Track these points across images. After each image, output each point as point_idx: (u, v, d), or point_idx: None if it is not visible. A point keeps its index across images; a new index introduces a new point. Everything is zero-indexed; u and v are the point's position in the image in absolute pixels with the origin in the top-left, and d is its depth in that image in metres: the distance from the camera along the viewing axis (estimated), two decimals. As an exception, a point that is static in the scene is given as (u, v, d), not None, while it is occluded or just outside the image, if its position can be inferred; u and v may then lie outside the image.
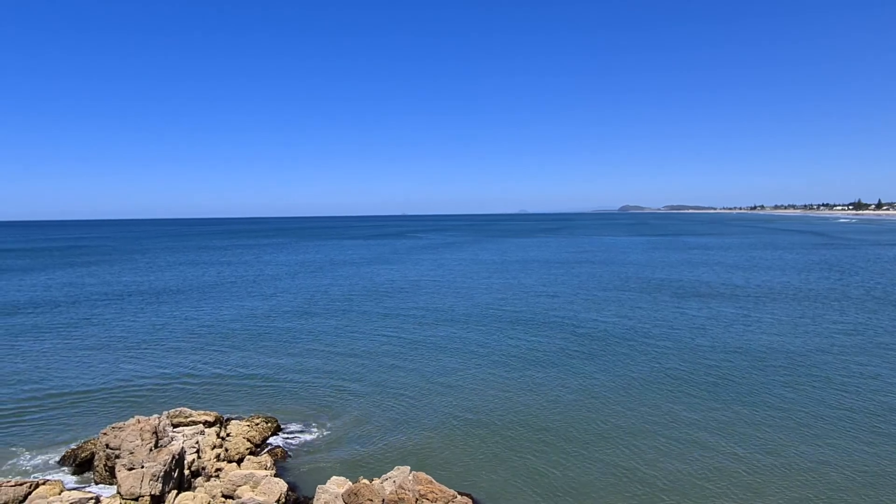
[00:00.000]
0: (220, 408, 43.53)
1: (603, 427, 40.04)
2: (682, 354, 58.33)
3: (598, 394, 46.95)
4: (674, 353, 59.07)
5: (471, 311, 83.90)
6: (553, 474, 33.29)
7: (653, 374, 51.77)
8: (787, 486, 31.25)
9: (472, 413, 43.21)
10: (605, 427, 40.02)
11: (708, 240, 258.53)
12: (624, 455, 35.54)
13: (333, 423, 41.65)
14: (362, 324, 76.19)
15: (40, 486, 29.82)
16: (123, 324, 78.15)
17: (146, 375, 53.88)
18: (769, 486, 31.22)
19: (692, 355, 57.92)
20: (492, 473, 33.56)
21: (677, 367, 54.04)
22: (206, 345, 65.39)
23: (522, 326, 72.90)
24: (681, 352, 59.35)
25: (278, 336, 69.68)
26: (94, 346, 65.49)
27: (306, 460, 35.86)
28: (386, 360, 58.35)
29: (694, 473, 32.92)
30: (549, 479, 32.78)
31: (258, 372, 54.69)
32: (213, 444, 36.17)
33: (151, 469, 29.33)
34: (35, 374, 54.49)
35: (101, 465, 32.29)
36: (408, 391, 48.47)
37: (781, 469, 33.31)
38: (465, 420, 41.88)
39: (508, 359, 57.87)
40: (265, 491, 29.00)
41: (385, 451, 37.08)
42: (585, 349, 61.16)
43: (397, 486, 27.63)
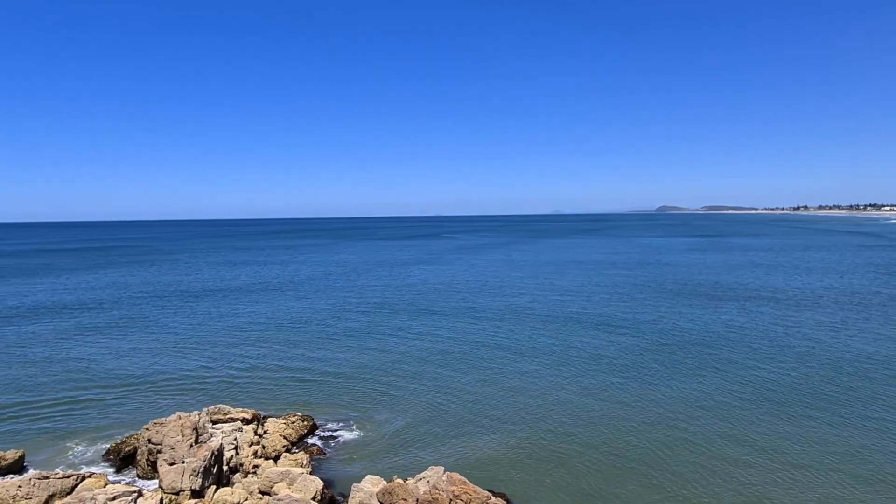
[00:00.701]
0: (257, 405, 44.28)
1: (640, 434, 39.46)
2: (737, 364, 57.09)
3: (634, 401, 46.31)
4: (732, 363, 57.85)
5: (504, 313, 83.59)
6: (587, 479, 32.94)
7: (699, 385, 50.78)
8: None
9: (507, 415, 43.05)
10: (642, 434, 39.43)
11: (759, 241, 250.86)
12: (660, 464, 34.96)
13: (368, 423, 41.97)
14: (397, 325, 76.59)
15: (86, 479, 30.79)
16: (165, 322, 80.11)
17: (187, 372, 55.15)
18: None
19: (746, 365, 56.65)
20: (526, 476, 33.37)
21: (726, 377, 52.93)
22: (244, 343, 66.59)
23: (558, 329, 72.34)
24: (738, 362, 58.09)
25: (315, 336, 70.53)
26: (137, 343, 67.30)
27: (341, 459, 36.21)
28: (421, 361, 58.56)
29: (736, 492, 32.20)
30: (584, 483, 32.45)
31: (295, 371, 55.45)
32: (251, 441, 36.78)
33: (192, 464, 29.99)
34: (81, 370, 56.25)
35: (144, 460, 33.14)
36: (442, 392, 48.55)
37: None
38: (500, 422, 41.74)
39: (544, 362, 57.49)
40: (301, 488, 29.38)
41: (419, 451, 37.20)
42: (623, 354, 60.40)
43: (431, 487, 27.70)
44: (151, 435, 32.63)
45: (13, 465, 33.32)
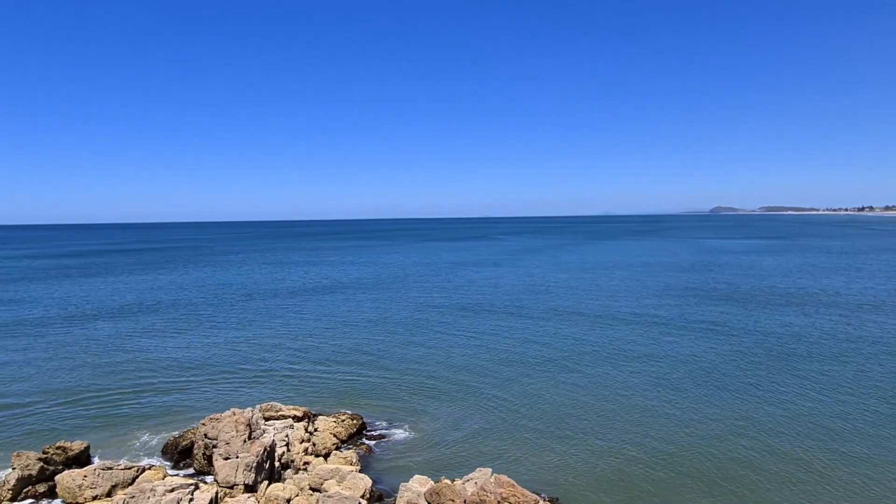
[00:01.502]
0: (308, 403, 45.12)
1: (696, 444, 38.42)
2: (812, 377, 55.15)
3: (690, 409, 45.17)
4: (804, 377, 55.93)
5: (556, 316, 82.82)
6: (640, 487, 32.28)
7: (763, 397, 49.19)
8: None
9: (557, 419, 42.62)
10: (699, 444, 38.38)
11: (834, 243, 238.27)
12: (717, 477, 33.97)
13: (417, 423, 42.21)
14: (446, 326, 76.83)
15: (146, 471, 32.01)
16: (219, 320, 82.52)
17: (241, 369, 56.66)
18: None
19: (825, 377, 54.64)
20: (576, 481, 32.95)
21: (801, 389, 51.13)
22: (295, 342, 67.97)
23: (613, 333, 71.24)
24: (812, 375, 56.11)
25: (365, 335, 71.39)
26: (194, 340, 69.54)
27: (390, 458, 36.53)
28: (470, 362, 58.56)
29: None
30: (636, 491, 31.82)
31: (345, 370, 56.27)
32: (302, 438, 37.49)
33: (245, 459, 30.79)
34: (142, 366, 58.46)
35: (200, 454, 34.19)
36: (491, 394, 48.43)
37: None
38: (549, 425, 41.36)
39: (596, 365, 56.69)
40: (350, 486, 29.77)
41: (466, 452, 37.21)
42: (691, 361, 58.96)
43: (479, 488, 27.66)
44: (207, 430, 33.63)
45: (79, 455, 34.86)
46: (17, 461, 32.11)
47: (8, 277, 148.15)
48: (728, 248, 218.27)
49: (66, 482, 30.87)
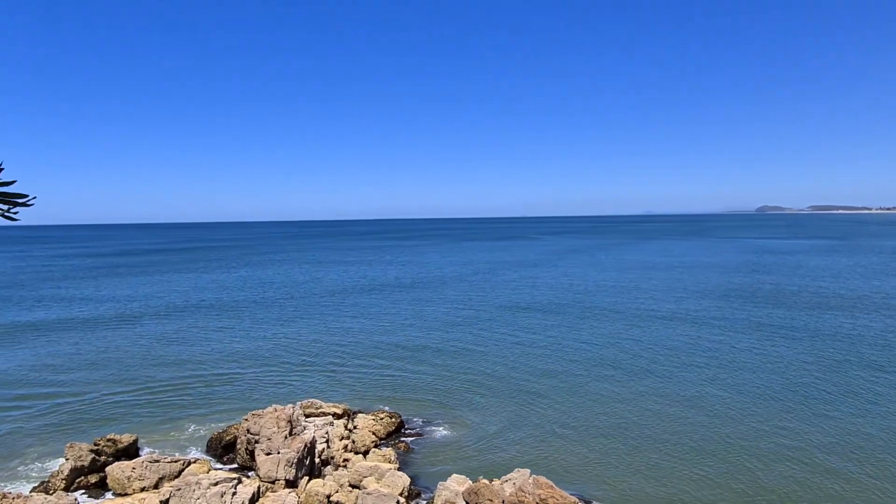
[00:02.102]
0: (347, 401, 45.62)
1: (741, 451, 37.51)
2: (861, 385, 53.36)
3: (736, 414, 44.10)
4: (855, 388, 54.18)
5: (594, 318, 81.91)
6: (682, 490, 31.68)
7: (814, 402, 47.80)
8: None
9: (596, 421, 42.16)
10: (744, 451, 37.46)
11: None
12: (760, 482, 33.10)
13: (455, 422, 42.28)
14: (486, 326, 76.73)
15: (192, 464, 32.88)
16: (263, 318, 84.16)
17: (283, 366, 57.69)
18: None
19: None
20: (615, 484, 32.52)
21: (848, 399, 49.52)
22: (336, 340, 68.83)
23: (654, 335, 70.10)
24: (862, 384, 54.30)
25: (403, 334, 71.85)
26: (237, 337, 71.09)
27: (427, 456, 36.68)
28: (509, 362, 58.38)
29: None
30: (675, 495, 31.23)
31: (384, 368, 56.73)
32: (341, 435, 37.94)
33: (286, 455, 31.32)
34: (188, 362, 60.05)
35: (243, 449, 34.93)
36: (530, 394, 48.19)
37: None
38: (588, 427, 40.94)
39: (639, 368, 55.87)
40: (389, 483, 30.00)
41: (505, 452, 37.10)
42: (726, 364, 57.68)
43: (517, 489, 27.55)
44: (250, 426, 34.31)
45: (128, 448, 36.00)
46: (70, 452, 33.34)
47: (59, 275, 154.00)
48: (787, 249, 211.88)
49: (116, 473, 31.92)
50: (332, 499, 29.65)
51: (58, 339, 71.85)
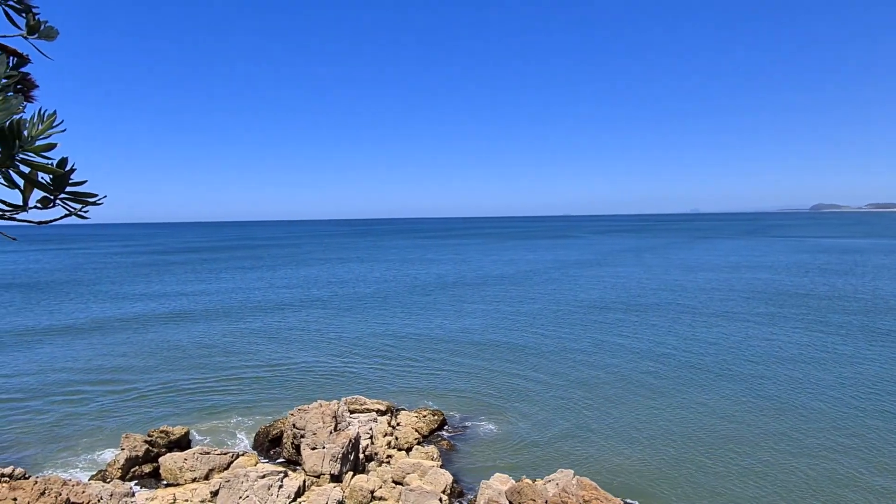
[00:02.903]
0: (391, 398, 46.00)
1: (788, 455, 36.32)
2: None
3: (788, 419, 42.69)
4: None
5: (648, 318, 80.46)
6: (733, 495, 30.84)
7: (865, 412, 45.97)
8: None
9: (643, 423, 41.42)
10: (791, 456, 36.26)
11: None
12: (811, 485, 31.96)
13: (498, 421, 42.16)
14: (529, 326, 76.30)
15: (240, 457, 33.70)
16: (309, 314, 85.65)
17: (328, 361, 58.58)
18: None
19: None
20: (663, 489, 31.90)
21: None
22: (380, 338, 69.52)
23: (715, 339, 68.45)
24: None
25: (447, 332, 72.04)
26: (283, 333, 72.55)
27: (470, 455, 36.69)
28: (553, 362, 57.88)
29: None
30: (729, 498, 30.42)
31: (428, 366, 56.99)
32: (385, 431, 38.30)
33: (331, 450, 31.79)
34: (237, 356, 61.58)
35: (289, 443, 35.60)
36: (575, 394, 47.69)
37: None
38: (635, 429, 40.26)
39: (684, 370, 54.66)
40: (431, 481, 30.13)
41: (548, 453, 36.82)
42: (788, 370, 55.93)
43: (560, 489, 27.28)
44: (296, 420, 34.95)
45: (180, 439, 37.13)
46: (125, 442, 34.59)
47: (117, 271, 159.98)
48: (859, 248, 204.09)
49: (169, 464, 32.99)
50: (376, 494, 29.96)
51: (113, 332, 74.63)
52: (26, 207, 2.81)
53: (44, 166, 2.77)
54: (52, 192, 2.86)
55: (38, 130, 2.67)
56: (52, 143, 2.71)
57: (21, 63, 3.28)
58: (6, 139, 2.53)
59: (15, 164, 2.65)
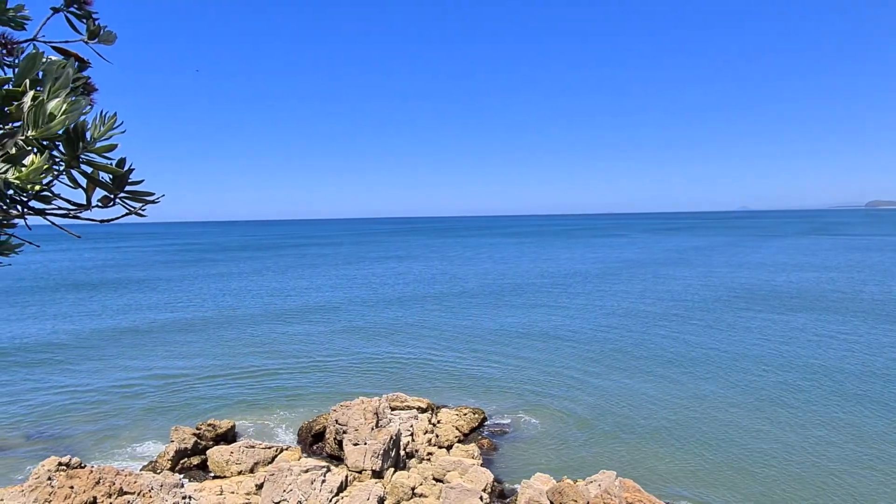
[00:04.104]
0: (431, 395, 46.17)
1: (855, 467, 35.06)
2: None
3: (858, 432, 41.23)
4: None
5: (704, 318, 78.82)
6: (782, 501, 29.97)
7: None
8: None
9: (688, 424, 40.56)
10: (862, 468, 34.99)
11: None
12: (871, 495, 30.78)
13: (539, 421, 41.90)
14: (575, 323, 75.57)
15: (284, 451, 34.36)
16: (352, 312, 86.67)
17: (371, 358, 59.17)
18: None
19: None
20: (708, 492, 31.19)
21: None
22: (421, 335, 69.88)
23: (755, 336, 66.70)
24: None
25: (489, 332, 71.91)
26: (327, 329, 73.59)
27: (510, 454, 36.57)
28: (597, 361, 57.17)
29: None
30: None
31: (469, 364, 57.00)
32: (425, 429, 38.47)
33: (373, 446, 32.11)
34: (282, 352, 62.74)
35: (331, 439, 36.11)
36: (619, 394, 47.00)
37: None
38: (682, 430, 39.45)
39: (736, 371, 53.29)
40: (472, 479, 30.14)
41: (589, 453, 36.42)
42: (852, 376, 54.08)
43: (602, 491, 26.95)
44: (338, 416, 35.42)
45: (227, 433, 38.08)
46: (175, 435, 35.64)
47: (171, 266, 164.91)
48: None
49: (216, 457, 33.87)
50: (417, 491, 30.12)
51: (164, 329, 76.92)
52: (90, 206, 2.92)
53: (105, 166, 2.87)
54: (112, 191, 2.96)
55: (100, 132, 2.76)
56: (114, 143, 2.80)
57: (82, 67, 3.39)
58: (72, 141, 2.62)
59: (79, 164, 2.75)
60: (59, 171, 2.77)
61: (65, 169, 2.77)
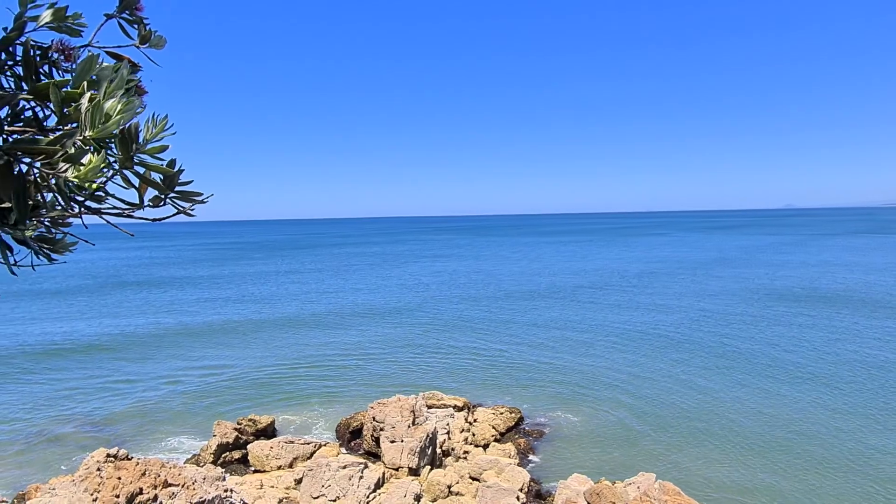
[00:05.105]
0: (468, 394, 46.20)
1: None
2: None
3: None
4: None
5: (738, 315, 77.08)
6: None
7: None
8: None
9: (733, 427, 39.63)
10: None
11: None
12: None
13: (576, 420, 41.52)
14: (613, 322, 74.67)
15: (322, 447, 34.82)
16: (389, 309, 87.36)
17: (407, 356, 59.49)
18: None
19: None
20: (752, 498, 30.44)
21: None
22: (458, 333, 69.94)
23: (816, 339, 64.85)
24: None
25: (526, 331, 71.57)
26: (361, 327, 74.30)
27: (547, 454, 36.33)
28: (637, 360, 56.36)
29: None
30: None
31: (506, 363, 56.82)
32: (462, 427, 38.52)
33: (409, 444, 32.31)
34: (320, 349, 63.59)
35: (369, 436, 36.44)
36: (659, 395, 46.24)
37: None
38: (723, 432, 38.61)
39: (790, 373, 51.87)
40: (509, 478, 30.06)
41: (628, 454, 35.93)
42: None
43: (642, 493, 26.55)
44: (375, 413, 35.73)
45: (266, 428, 38.78)
46: (217, 429, 36.47)
47: (210, 265, 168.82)
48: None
49: (256, 451, 34.54)
50: (453, 489, 30.19)
51: (210, 323, 78.77)
52: (142, 206, 3.02)
53: (157, 167, 2.96)
54: (164, 190, 3.06)
55: (152, 133, 2.86)
56: (165, 145, 2.89)
57: (133, 70, 3.51)
58: (125, 142, 2.72)
59: (133, 165, 2.85)
60: (115, 171, 2.87)
61: (119, 169, 2.87)
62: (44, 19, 3.02)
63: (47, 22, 3.03)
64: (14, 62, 3.00)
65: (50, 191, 2.87)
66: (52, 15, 3.01)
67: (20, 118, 2.90)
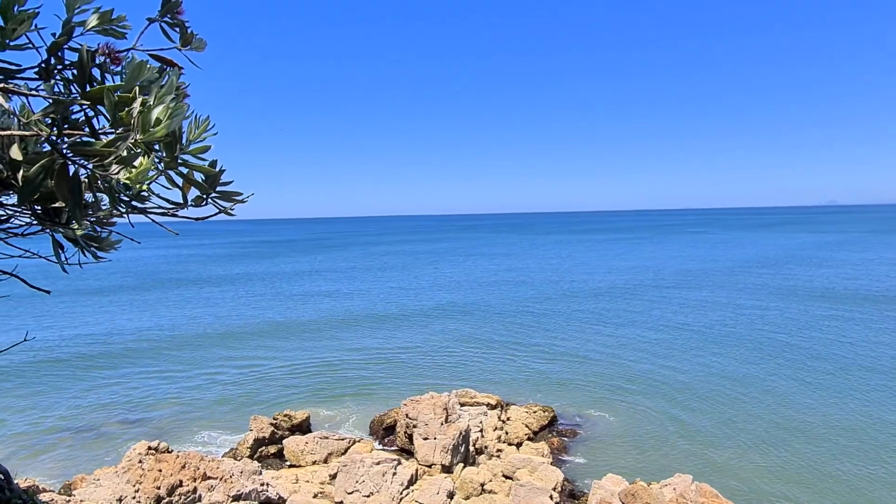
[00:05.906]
0: (500, 392, 46.09)
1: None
2: None
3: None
4: None
5: (786, 314, 75.29)
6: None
7: None
8: None
9: (772, 428, 38.73)
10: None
11: None
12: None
13: (610, 421, 41.09)
14: (648, 320, 73.65)
15: (356, 443, 35.18)
16: (420, 308, 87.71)
17: (441, 353, 59.69)
18: None
19: None
20: (791, 499, 29.72)
21: None
22: (493, 330, 69.85)
23: (853, 332, 63.05)
24: None
25: (561, 329, 71.07)
26: (394, 328, 74.73)
27: (581, 453, 36.04)
28: (673, 360, 55.47)
29: None
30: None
31: (539, 362, 56.52)
32: (495, 426, 38.45)
33: (442, 441, 32.40)
34: (356, 348, 64.20)
35: (402, 433, 36.66)
36: (698, 395, 45.44)
37: None
38: (763, 433, 37.75)
39: (838, 374, 50.48)
40: (542, 477, 29.90)
41: (663, 455, 35.42)
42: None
43: (678, 495, 26.15)
44: (408, 410, 35.91)
45: (302, 423, 39.31)
46: (253, 424, 37.12)
47: (254, 261, 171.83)
48: None
49: (291, 446, 35.06)
50: (486, 487, 30.17)
51: (247, 320, 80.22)
52: (186, 205, 3.09)
53: (200, 167, 3.03)
54: (206, 190, 3.13)
55: (195, 134, 2.92)
56: (207, 145, 2.96)
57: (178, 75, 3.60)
58: (170, 143, 2.79)
59: (177, 165, 2.92)
60: (160, 172, 2.95)
61: (164, 170, 2.95)
62: (90, 23, 3.11)
63: (93, 26, 3.12)
64: (63, 66, 3.10)
65: (99, 191, 2.96)
66: (97, 19, 3.10)
67: (68, 121, 3.00)
